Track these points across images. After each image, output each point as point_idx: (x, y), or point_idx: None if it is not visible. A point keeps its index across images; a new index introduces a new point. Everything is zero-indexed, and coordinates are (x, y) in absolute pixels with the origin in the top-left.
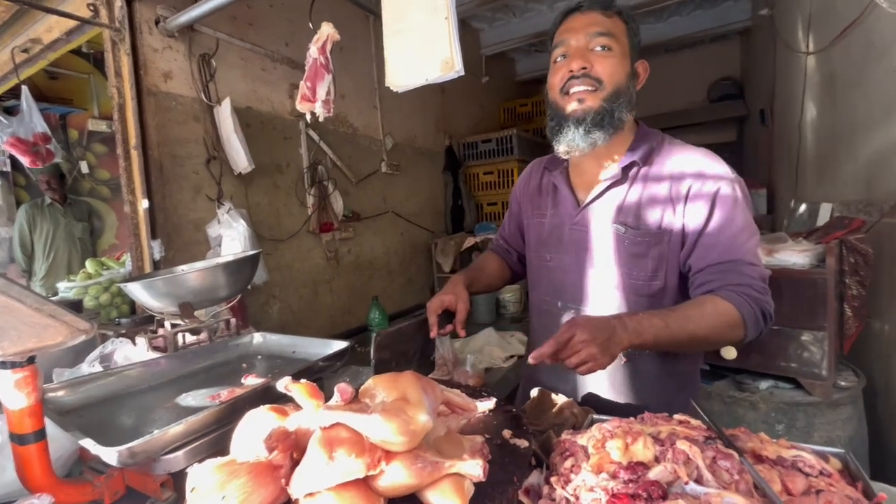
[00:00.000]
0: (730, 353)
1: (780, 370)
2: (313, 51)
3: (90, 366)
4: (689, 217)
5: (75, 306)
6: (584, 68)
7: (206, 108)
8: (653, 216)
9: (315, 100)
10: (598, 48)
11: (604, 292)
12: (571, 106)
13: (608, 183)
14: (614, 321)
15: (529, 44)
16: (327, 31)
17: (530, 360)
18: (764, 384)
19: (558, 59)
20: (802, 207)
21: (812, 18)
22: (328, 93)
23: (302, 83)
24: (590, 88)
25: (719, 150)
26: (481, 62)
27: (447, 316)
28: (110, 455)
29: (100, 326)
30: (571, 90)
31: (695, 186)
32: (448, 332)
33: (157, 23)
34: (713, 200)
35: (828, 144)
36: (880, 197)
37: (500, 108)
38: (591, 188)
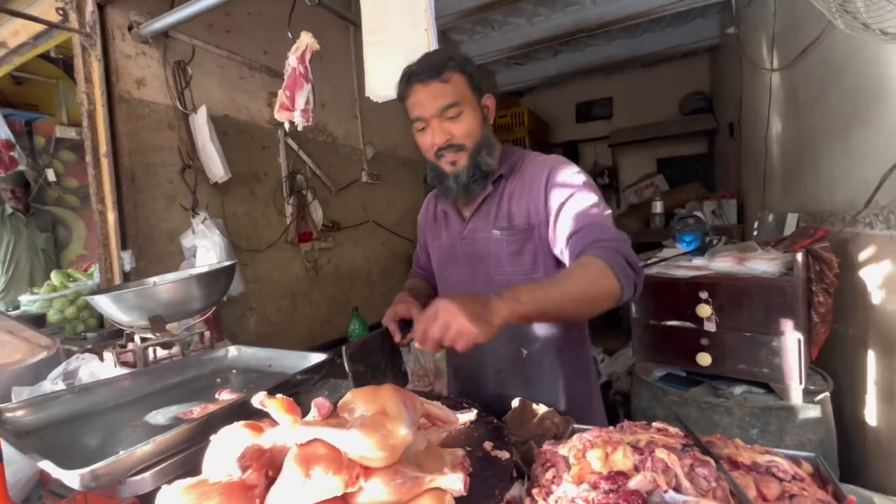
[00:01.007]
0: (704, 359)
1: (753, 375)
2: (292, 60)
3: (53, 383)
4: (549, 208)
5: (38, 320)
6: (447, 140)
7: (182, 115)
8: (521, 216)
9: (294, 109)
10: (450, 117)
11: (494, 294)
12: (447, 168)
13: (483, 197)
14: (489, 295)
15: (508, 56)
16: (307, 40)
17: (415, 343)
18: (738, 389)
19: (419, 128)
20: (770, 217)
21: (776, 37)
22: (307, 102)
23: (281, 92)
24: (456, 151)
25: (691, 161)
26: None
27: (405, 325)
28: (72, 478)
29: (64, 341)
30: (443, 156)
31: (550, 182)
32: (410, 339)
33: (130, 29)
34: (566, 188)
35: (792, 157)
36: (842, 207)
37: None
38: (471, 205)
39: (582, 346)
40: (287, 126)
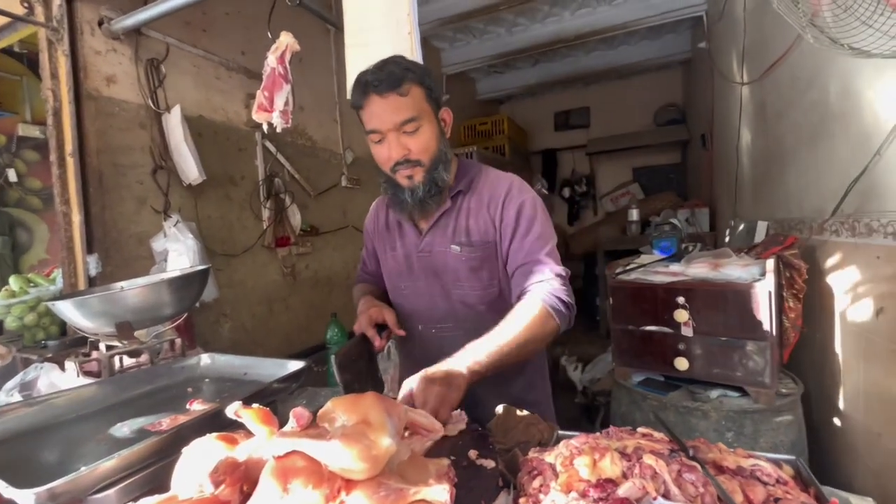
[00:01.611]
0: (682, 364)
1: (728, 379)
2: (271, 60)
3: (8, 395)
4: (503, 231)
5: None
6: (404, 155)
7: (154, 115)
8: (480, 233)
9: (272, 110)
10: (408, 131)
11: (453, 308)
12: (403, 182)
13: (442, 211)
14: (451, 362)
15: (489, 65)
16: (286, 40)
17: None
18: (714, 393)
19: (374, 140)
20: (741, 225)
21: (745, 52)
22: (286, 103)
23: (259, 92)
24: (413, 167)
25: (666, 170)
26: (442, 81)
27: (378, 329)
28: (26, 498)
29: (23, 350)
30: (398, 170)
31: (506, 205)
32: (384, 345)
33: (100, 24)
34: (518, 215)
35: (762, 167)
36: (810, 216)
37: (461, 126)
38: (429, 218)
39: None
40: (265, 128)
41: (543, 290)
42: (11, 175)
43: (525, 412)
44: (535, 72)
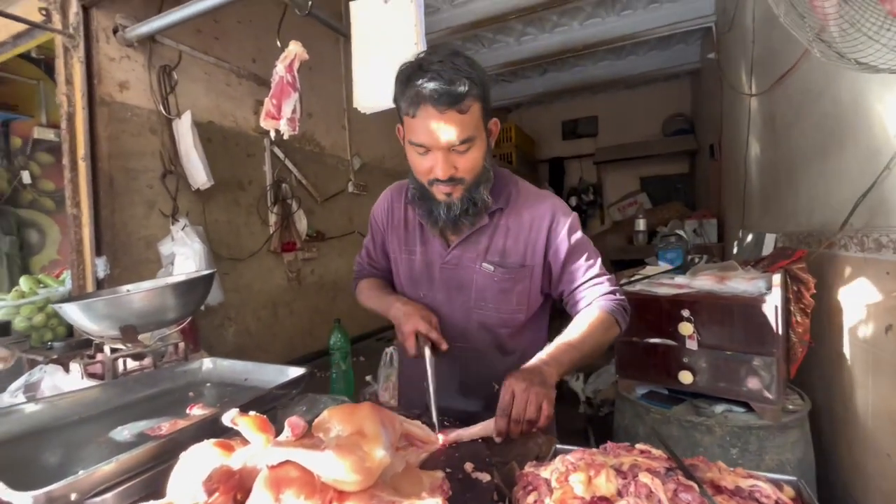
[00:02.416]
0: (686, 377)
1: (734, 394)
2: (280, 68)
3: (12, 396)
4: (553, 253)
5: (2, 328)
6: (451, 174)
7: (165, 120)
8: (517, 255)
9: (280, 117)
10: (460, 151)
11: (475, 327)
12: (439, 196)
13: (477, 227)
14: (538, 364)
15: (497, 74)
16: (295, 49)
17: (497, 439)
18: (719, 408)
19: (419, 151)
20: (749, 237)
21: (754, 63)
22: (294, 111)
23: (267, 100)
24: (454, 185)
25: (673, 180)
26: None
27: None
28: (24, 500)
29: (29, 350)
30: (436, 184)
31: (554, 230)
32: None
33: (115, 31)
34: (570, 238)
35: (770, 179)
36: (818, 229)
37: None
38: (460, 232)
39: None
40: (273, 134)
41: (608, 300)
42: (26, 177)
43: None
44: (544, 81)
